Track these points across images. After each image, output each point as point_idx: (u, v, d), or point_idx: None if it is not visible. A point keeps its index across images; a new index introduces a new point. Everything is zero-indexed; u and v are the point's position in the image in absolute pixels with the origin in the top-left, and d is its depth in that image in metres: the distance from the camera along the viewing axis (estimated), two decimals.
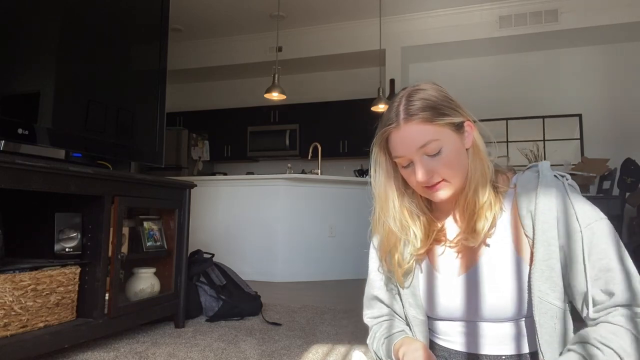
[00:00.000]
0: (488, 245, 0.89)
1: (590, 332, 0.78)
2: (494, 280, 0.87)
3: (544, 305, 0.83)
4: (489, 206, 0.88)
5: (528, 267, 0.86)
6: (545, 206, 0.84)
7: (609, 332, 0.76)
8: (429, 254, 0.96)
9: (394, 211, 0.94)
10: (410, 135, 0.86)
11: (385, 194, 0.95)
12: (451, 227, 0.96)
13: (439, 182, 0.87)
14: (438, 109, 0.87)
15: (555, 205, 0.84)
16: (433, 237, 0.95)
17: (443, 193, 0.88)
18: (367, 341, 1.05)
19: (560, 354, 0.83)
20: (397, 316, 1.02)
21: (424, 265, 0.97)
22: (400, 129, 0.87)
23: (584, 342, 0.78)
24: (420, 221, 0.95)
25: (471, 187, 0.89)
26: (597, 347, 0.75)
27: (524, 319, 0.88)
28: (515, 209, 0.88)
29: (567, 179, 0.87)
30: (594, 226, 0.81)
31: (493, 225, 0.88)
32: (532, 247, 0.84)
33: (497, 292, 0.87)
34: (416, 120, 0.86)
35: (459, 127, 0.89)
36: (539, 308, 0.83)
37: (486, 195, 0.88)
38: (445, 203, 0.95)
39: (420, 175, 0.86)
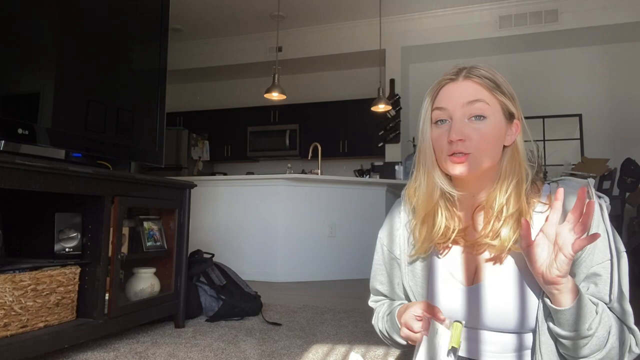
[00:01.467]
0: (501, 259, 0.86)
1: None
2: (502, 294, 0.85)
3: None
4: (519, 215, 0.84)
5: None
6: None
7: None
8: (443, 252, 0.94)
9: (431, 157, 0.90)
10: (462, 89, 0.86)
11: (428, 141, 0.90)
12: (472, 230, 0.92)
13: (464, 156, 0.84)
14: (499, 86, 0.86)
15: (593, 229, 0.80)
16: (455, 234, 0.90)
17: (462, 168, 0.85)
18: (372, 321, 1.06)
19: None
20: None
21: (435, 263, 0.94)
22: (457, 82, 0.87)
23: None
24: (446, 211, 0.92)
25: (502, 190, 0.85)
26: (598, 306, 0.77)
27: (528, 331, 0.86)
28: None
29: (605, 201, 0.84)
30: (618, 257, 0.80)
31: (518, 237, 0.83)
32: None
33: (504, 307, 0.84)
34: (476, 80, 0.85)
35: (509, 118, 0.88)
36: (544, 329, 0.82)
37: (517, 204, 0.84)
38: (467, 201, 0.92)
39: (453, 133, 0.83)
